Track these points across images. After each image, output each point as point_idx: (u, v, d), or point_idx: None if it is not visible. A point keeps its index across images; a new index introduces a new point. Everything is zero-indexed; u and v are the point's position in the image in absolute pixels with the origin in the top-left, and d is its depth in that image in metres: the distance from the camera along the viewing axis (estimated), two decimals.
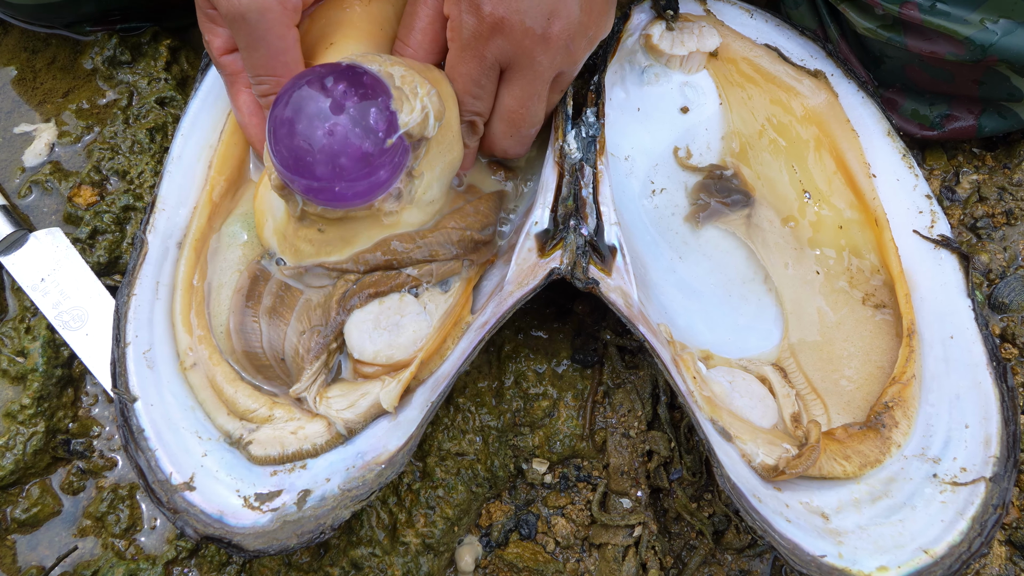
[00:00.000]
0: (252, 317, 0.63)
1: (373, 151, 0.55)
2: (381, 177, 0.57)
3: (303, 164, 0.54)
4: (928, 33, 0.68)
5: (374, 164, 0.55)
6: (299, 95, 0.54)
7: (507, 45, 0.57)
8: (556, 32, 0.58)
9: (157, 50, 0.79)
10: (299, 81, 0.55)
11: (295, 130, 0.54)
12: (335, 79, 0.55)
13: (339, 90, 0.54)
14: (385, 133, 0.55)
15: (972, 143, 0.80)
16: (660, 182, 0.74)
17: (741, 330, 0.70)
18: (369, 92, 0.55)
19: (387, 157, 0.56)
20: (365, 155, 0.55)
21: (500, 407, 0.70)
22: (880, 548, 0.58)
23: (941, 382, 0.65)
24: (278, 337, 0.62)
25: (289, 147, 0.54)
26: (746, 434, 0.62)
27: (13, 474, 0.66)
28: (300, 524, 0.56)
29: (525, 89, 0.61)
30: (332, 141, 0.54)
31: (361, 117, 0.54)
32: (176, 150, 0.68)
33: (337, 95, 0.54)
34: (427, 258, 0.63)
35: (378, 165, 0.56)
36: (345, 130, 0.54)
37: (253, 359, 0.63)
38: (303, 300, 0.63)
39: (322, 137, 0.54)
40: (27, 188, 0.75)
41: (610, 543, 0.67)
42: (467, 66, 0.59)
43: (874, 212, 0.70)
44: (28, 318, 0.70)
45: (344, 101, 0.54)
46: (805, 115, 0.74)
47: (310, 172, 0.54)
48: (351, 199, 0.57)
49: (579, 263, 0.61)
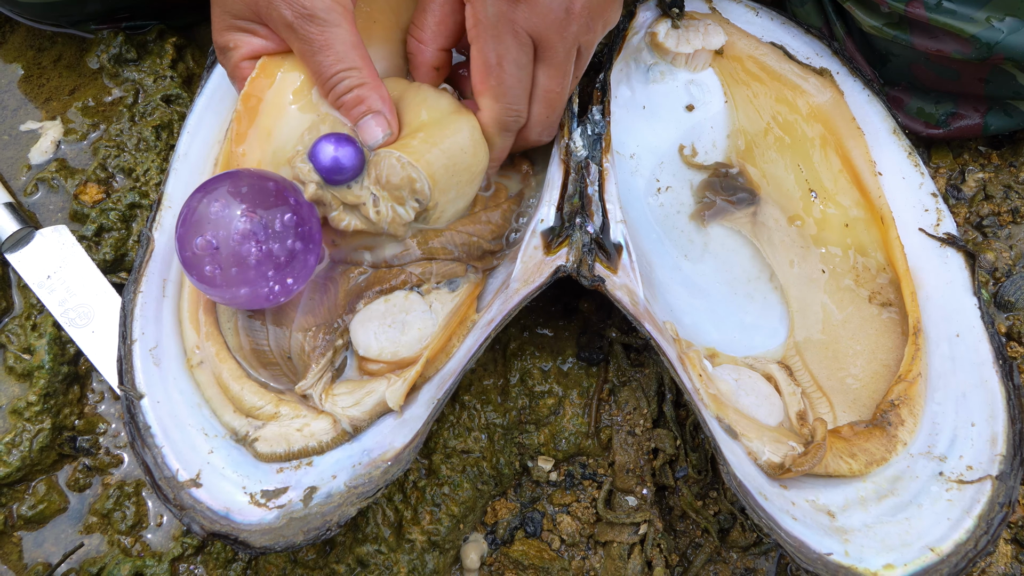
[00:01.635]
0: (258, 316, 0.63)
1: (256, 263, 0.57)
2: (271, 287, 0.58)
3: (190, 263, 0.57)
4: (934, 31, 0.68)
5: (260, 273, 0.57)
6: (203, 201, 0.57)
7: (535, 17, 0.57)
8: (578, 7, 0.58)
9: (163, 48, 0.79)
10: (208, 187, 0.58)
11: (188, 230, 0.57)
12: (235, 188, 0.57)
13: (238, 200, 0.57)
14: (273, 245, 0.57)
15: (978, 141, 0.80)
16: (665, 180, 0.74)
17: (747, 328, 0.70)
18: (266, 203, 0.57)
19: (274, 267, 0.58)
20: (249, 266, 0.57)
21: (506, 405, 0.70)
22: (886, 546, 0.58)
23: (947, 380, 0.64)
24: (284, 335, 0.62)
25: (181, 238, 0.57)
26: (752, 432, 0.62)
27: (19, 471, 0.66)
28: (306, 521, 0.56)
29: (560, 67, 0.60)
30: (217, 251, 0.56)
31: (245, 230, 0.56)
32: (182, 148, 0.69)
33: (234, 205, 0.57)
34: (427, 256, 0.63)
35: (264, 272, 0.58)
36: (228, 242, 0.56)
37: (260, 356, 0.63)
38: (306, 298, 0.63)
39: (209, 246, 0.56)
40: (33, 186, 0.75)
41: (615, 541, 0.67)
42: (503, 45, 0.58)
43: (880, 210, 0.70)
44: (34, 315, 0.70)
45: (238, 212, 0.56)
46: (811, 113, 0.73)
47: (199, 274, 0.57)
48: (250, 303, 0.59)
49: (585, 261, 0.61)
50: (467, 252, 0.64)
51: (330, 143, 0.59)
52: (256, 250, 0.57)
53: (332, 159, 0.58)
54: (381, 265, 0.63)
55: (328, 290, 0.63)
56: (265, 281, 0.58)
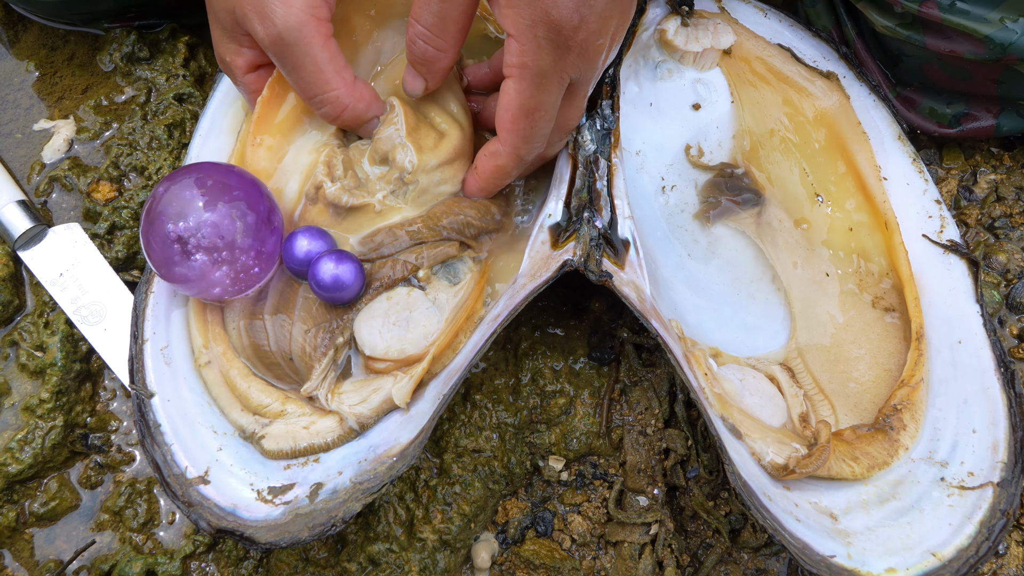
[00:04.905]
0: (258, 316, 0.63)
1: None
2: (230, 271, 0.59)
3: (155, 257, 0.59)
4: (947, 32, 0.67)
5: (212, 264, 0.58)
6: (167, 194, 0.58)
7: (582, 63, 0.55)
8: (611, 39, 0.57)
9: (175, 47, 0.79)
10: (171, 179, 0.59)
11: (152, 223, 0.58)
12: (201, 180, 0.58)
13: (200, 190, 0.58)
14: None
15: (990, 143, 0.80)
16: (671, 179, 0.74)
17: (749, 329, 0.70)
18: (227, 195, 0.58)
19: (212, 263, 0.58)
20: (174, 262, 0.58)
21: (517, 404, 0.70)
22: (889, 550, 0.58)
23: (949, 386, 0.64)
24: (284, 336, 0.62)
25: (145, 232, 0.59)
26: (756, 432, 0.62)
27: (31, 468, 0.66)
28: (312, 517, 0.56)
29: (584, 98, 0.60)
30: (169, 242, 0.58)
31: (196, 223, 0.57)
32: (195, 150, 0.69)
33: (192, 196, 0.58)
34: (417, 241, 0.63)
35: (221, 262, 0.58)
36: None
37: (263, 357, 0.63)
38: (302, 297, 0.63)
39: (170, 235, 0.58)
40: (46, 184, 0.75)
41: (626, 541, 0.67)
42: (546, 94, 0.55)
43: (884, 215, 0.69)
44: (47, 313, 0.70)
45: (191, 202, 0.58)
46: (816, 116, 0.73)
47: (165, 269, 0.59)
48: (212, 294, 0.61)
49: (592, 255, 0.61)
50: (457, 231, 0.64)
51: (330, 260, 0.60)
52: (218, 241, 0.58)
53: (332, 276, 0.60)
54: (373, 257, 0.63)
55: None
56: (227, 271, 0.59)
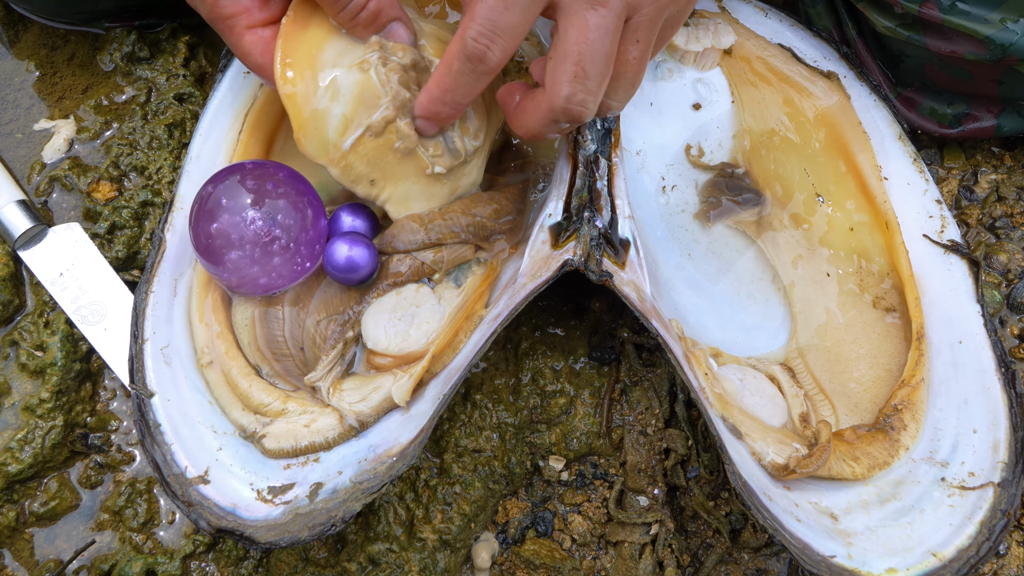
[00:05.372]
0: (276, 305, 0.63)
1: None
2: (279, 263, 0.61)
3: (206, 251, 0.60)
4: (948, 32, 0.67)
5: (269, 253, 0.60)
6: (215, 191, 0.60)
7: None
8: None
9: (175, 47, 0.79)
10: (218, 178, 0.61)
11: (201, 216, 0.60)
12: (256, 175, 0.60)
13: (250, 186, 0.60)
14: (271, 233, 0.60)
15: (991, 143, 0.80)
16: (671, 179, 0.74)
17: (749, 328, 0.70)
18: (273, 190, 0.60)
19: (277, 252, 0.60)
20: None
21: (517, 404, 0.70)
22: (889, 550, 0.58)
23: (949, 386, 0.65)
24: (298, 326, 0.63)
25: (195, 228, 0.61)
26: (756, 432, 0.62)
27: (31, 468, 0.66)
28: (312, 517, 0.56)
29: (649, 35, 0.54)
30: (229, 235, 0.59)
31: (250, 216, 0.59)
32: (195, 150, 0.69)
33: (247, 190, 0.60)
34: (436, 241, 0.63)
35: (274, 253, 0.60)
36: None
37: (275, 347, 0.63)
38: (321, 288, 0.63)
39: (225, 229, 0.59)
40: (46, 184, 0.75)
41: (627, 541, 0.67)
42: (599, 22, 0.51)
43: (885, 215, 0.69)
44: (47, 313, 0.70)
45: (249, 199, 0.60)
46: (817, 116, 0.73)
47: (216, 261, 0.60)
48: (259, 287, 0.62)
49: (593, 255, 0.61)
50: (473, 233, 0.64)
51: (344, 243, 0.61)
52: (267, 234, 0.59)
53: (346, 258, 0.61)
54: (388, 251, 0.63)
55: None
56: (277, 263, 0.60)
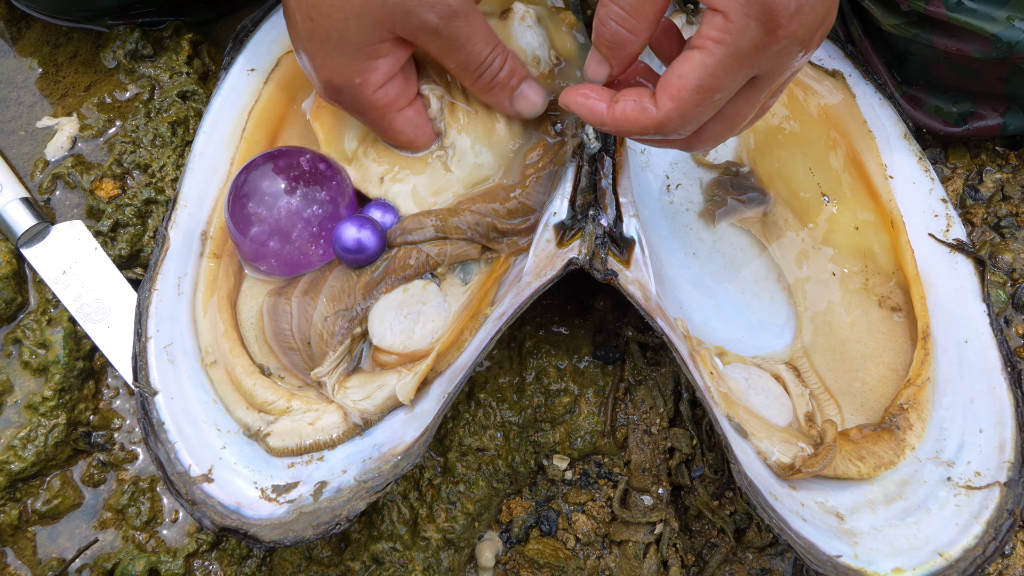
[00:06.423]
0: (285, 299, 0.63)
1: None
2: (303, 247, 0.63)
3: (245, 232, 0.63)
4: (954, 30, 0.67)
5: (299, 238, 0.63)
6: (250, 176, 0.63)
7: (779, 56, 0.51)
8: (815, 43, 0.52)
9: (179, 44, 0.79)
10: (253, 164, 0.64)
11: (239, 202, 0.63)
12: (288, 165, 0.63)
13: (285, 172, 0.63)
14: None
15: (996, 142, 0.80)
16: (676, 177, 0.74)
17: (754, 327, 0.70)
18: (307, 175, 0.63)
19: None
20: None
21: (521, 403, 0.70)
22: (895, 550, 0.58)
23: (955, 386, 0.64)
24: (306, 320, 0.62)
25: (233, 212, 0.63)
26: (762, 432, 0.62)
27: (34, 466, 0.66)
28: (316, 515, 0.56)
29: (759, 95, 0.54)
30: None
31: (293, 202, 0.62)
32: (198, 147, 0.69)
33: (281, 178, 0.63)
34: (442, 236, 0.63)
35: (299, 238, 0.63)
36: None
37: (282, 341, 0.63)
38: (329, 284, 0.63)
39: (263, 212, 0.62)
40: (49, 181, 0.75)
41: (631, 540, 0.67)
42: (729, 78, 0.51)
43: (890, 214, 0.69)
44: (50, 310, 0.70)
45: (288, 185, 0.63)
46: (822, 115, 0.73)
47: (253, 244, 0.63)
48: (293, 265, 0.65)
49: (598, 254, 0.61)
50: (480, 232, 0.64)
51: (352, 225, 0.62)
52: (302, 214, 0.62)
53: (355, 240, 0.62)
54: (399, 243, 0.63)
55: (349, 276, 0.63)
56: (310, 243, 0.63)
